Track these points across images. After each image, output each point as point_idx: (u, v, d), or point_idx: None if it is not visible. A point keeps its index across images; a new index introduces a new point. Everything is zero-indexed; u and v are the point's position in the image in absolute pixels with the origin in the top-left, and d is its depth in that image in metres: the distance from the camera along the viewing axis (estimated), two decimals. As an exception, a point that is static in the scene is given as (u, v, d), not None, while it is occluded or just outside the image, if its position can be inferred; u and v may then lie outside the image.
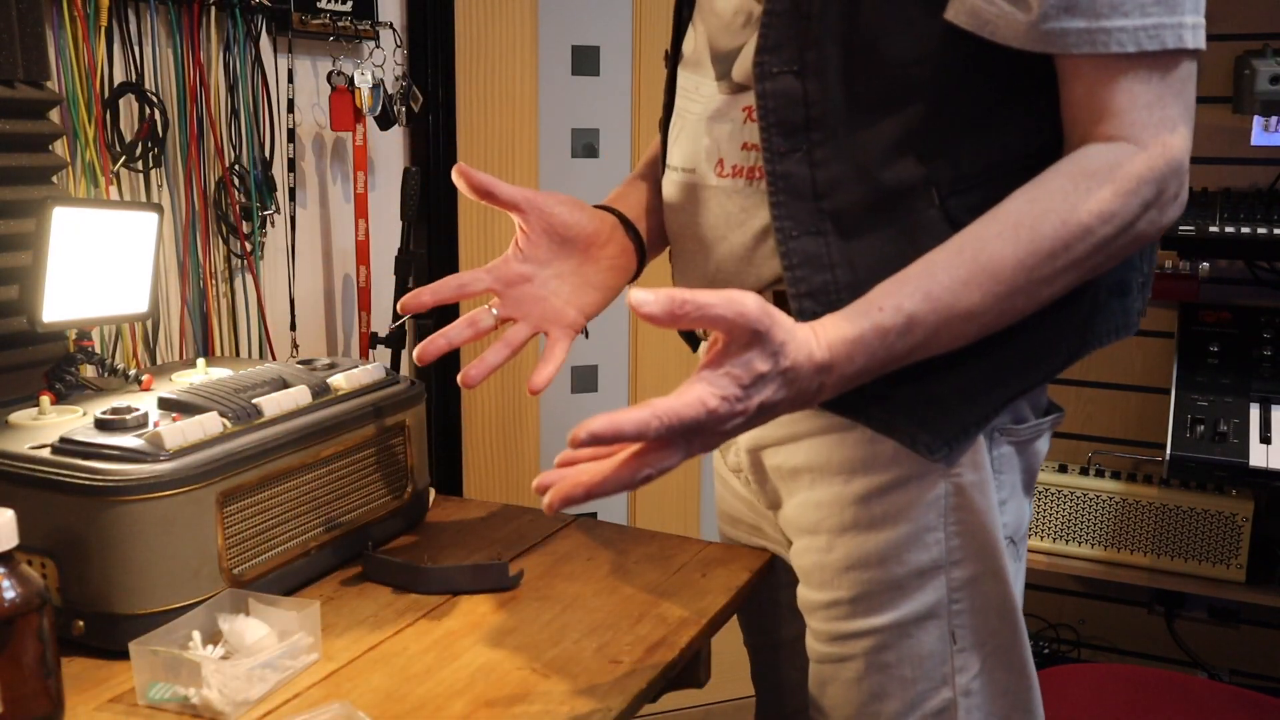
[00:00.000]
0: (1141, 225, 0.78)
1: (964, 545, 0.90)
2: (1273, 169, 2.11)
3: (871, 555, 0.92)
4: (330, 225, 1.87)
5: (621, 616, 1.07)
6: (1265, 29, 2.05)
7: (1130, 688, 1.47)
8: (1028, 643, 0.94)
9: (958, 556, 0.91)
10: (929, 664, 0.92)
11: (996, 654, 0.93)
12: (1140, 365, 2.27)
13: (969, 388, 0.86)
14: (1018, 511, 0.94)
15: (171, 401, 1.07)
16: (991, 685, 0.93)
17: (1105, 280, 0.87)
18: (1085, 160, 0.78)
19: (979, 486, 0.89)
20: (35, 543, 0.94)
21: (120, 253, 1.23)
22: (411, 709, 0.90)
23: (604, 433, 0.67)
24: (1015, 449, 0.93)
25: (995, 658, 0.93)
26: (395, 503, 1.26)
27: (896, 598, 0.92)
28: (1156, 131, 0.77)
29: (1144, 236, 0.80)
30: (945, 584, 0.91)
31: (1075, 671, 1.52)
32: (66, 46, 1.38)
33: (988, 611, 0.92)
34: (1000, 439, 0.91)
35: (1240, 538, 2.01)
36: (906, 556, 0.91)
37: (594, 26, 2.09)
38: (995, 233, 0.78)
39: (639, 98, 2.12)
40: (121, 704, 0.91)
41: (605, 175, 2.14)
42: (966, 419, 0.87)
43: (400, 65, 1.90)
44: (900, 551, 0.91)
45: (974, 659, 0.93)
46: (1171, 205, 0.80)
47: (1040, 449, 0.96)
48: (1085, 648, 2.38)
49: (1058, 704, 1.45)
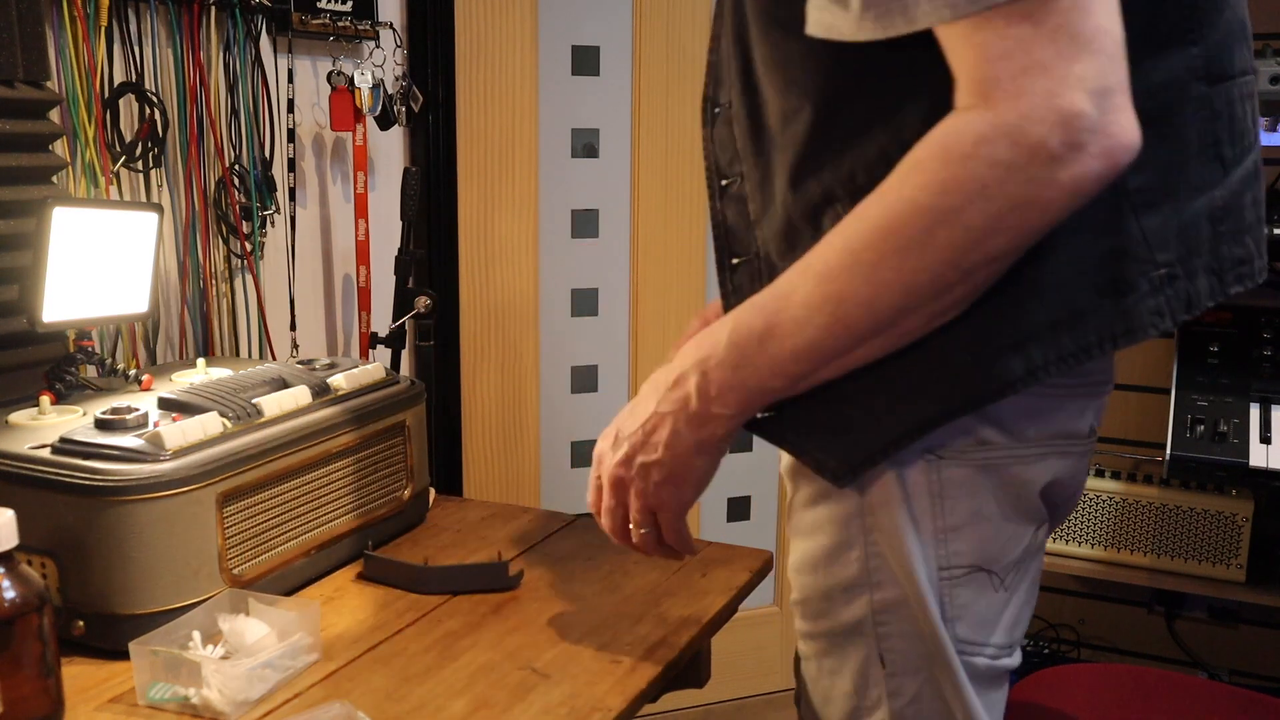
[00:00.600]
0: (1016, 187, 0.68)
1: (882, 568, 0.85)
2: (1273, 169, 2.11)
3: (805, 562, 0.90)
4: (330, 225, 1.87)
5: (621, 616, 1.07)
6: (1265, 29, 2.05)
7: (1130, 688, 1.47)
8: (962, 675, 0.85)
9: (878, 579, 0.85)
10: (860, 683, 0.88)
11: (936, 683, 0.86)
12: (1140, 365, 2.27)
13: (873, 413, 0.81)
14: (989, 539, 0.85)
15: (171, 401, 1.07)
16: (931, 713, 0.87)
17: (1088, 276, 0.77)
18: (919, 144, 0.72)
19: (890, 509, 0.84)
20: (35, 543, 0.94)
21: (120, 253, 1.23)
22: (411, 709, 0.90)
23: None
24: (979, 473, 0.84)
25: (935, 687, 0.86)
26: (395, 503, 1.26)
27: (827, 608, 0.89)
28: (1012, 82, 0.68)
29: (1037, 202, 0.69)
30: (869, 604, 0.86)
31: (1075, 671, 1.52)
32: (66, 46, 1.38)
33: (917, 638, 0.85)
34: (950, 463, 0.83)
35: (1240, 538, 2.01)
36: (831, 569, 0.88)
37: (594, 26, 2.09)
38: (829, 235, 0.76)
39: (639, 98, 2.12)
40: (121, 704, 0.91)
41: (605, 175, 2.14)
42: (872, 445, 0.82)
43: (400, 65, 1.90)
44: (826, 563, 0.88)
45: (909, 685, 0.86)
46: (1075, 158, 0.67)
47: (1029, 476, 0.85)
48: (1085, 648, 2.38)
49: (1058, 704, 1.45)
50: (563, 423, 2.19)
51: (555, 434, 2.19)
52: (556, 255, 2.13)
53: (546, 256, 2.13)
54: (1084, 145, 0.67)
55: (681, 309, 2.22)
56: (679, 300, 2.21)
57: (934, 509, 0.84)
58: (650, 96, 2.13)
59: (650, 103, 2.13)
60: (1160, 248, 0.78)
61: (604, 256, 2.16)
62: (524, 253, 2.11)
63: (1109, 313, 0.78)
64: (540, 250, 2.12)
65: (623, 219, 2.16)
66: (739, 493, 2.34)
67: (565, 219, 2.13)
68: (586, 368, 2.20)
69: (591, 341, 2.19)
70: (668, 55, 2.12)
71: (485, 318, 2.10)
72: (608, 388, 2.21)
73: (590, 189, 2.14)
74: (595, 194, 2.15)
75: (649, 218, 2.17)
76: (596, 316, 2.18)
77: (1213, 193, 0.80)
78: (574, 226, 2.14)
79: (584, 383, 2.20)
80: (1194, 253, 0.79)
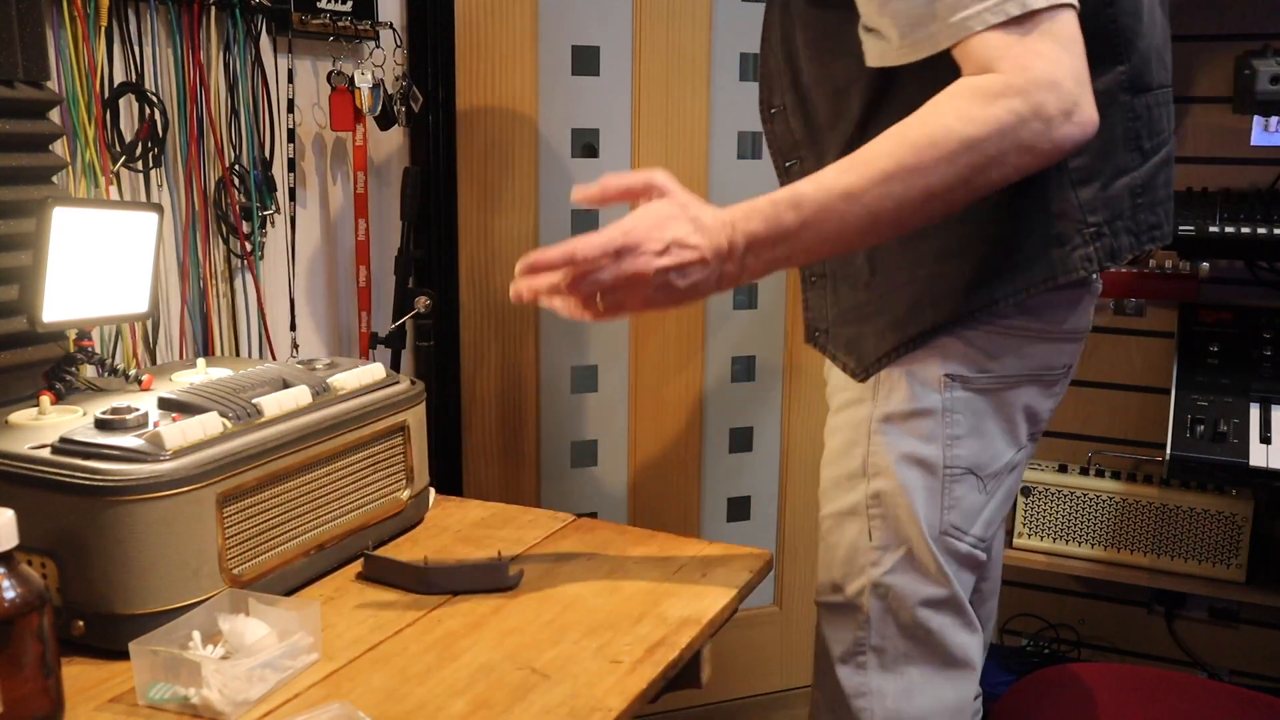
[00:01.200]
0: (1024, 134, 0.90)
1: (878, 462, 1.13)
2: (1273, 169, 2.11)
3: (828, 456, 1.20)
4: (330, 225, 1.87)
5: (621, 616, 1.07)
6: (1265, 29, 2.05)
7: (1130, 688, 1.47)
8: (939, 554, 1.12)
9: (874, 470, 1.13)
10: (850, 553, 1.16)
11: (911, 558, 1.13)
12: (1140, 365, 2.27)
13: (881, 329, 1.12)
14: (982, 449, 1.12)
15: (171, 401, 1.07)
16: (905, 582, 1.13)
17: (1037, 232, 1.05)
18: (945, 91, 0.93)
19: (896, 418, 1.12)
20: (35, 543, 0.94)
21: (120, 253, 1.23)
22: (411, 709, 0.90)
23: (536, 264, 0.96)
24: (978, 395, 1.11)
25: (910, 561, 1.13)
26: (395, 503, 1.26)
27: (835, 494, 1.18)
28: (1014, 62, 0.91)
29: (1034, 149, 0.91)
30: (865, 490, 1.14)
31: (1075, 671, 1.52)
32: (66, 46, 1.38)
33: (899, 520, 1.13)
34: (953, 384, 1.10)
35: (1240, 538, 2.01)
36: (843, 462, 1.17)
37: (594, 26, 2.09)
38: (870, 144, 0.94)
39: (639, 98, 2.12)
40: (121, 704, 0.91)
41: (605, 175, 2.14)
42: (880, 351, 1.12)
43: (400, 65, 1.90)
44: (838, 458, 1.18)
45: (888, 557, 1.14)
46: (1063, 122, 0.90)
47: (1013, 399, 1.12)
48: (1085, 648, 2.38)
49: (1058, 704, 1.45)
50: (563, 423, 2.19)
51: (555, 434, 2.19)
52: (556, 255, 2.13)
53: (546, 256, 2.12)
54: (1070, 115, 0.91)
55: (682, 308, 2.22)
56: (679, 300, 2.21)
57: (944, 421, 1.11)
58: (650, 96, 2.13)
59: (650, 103, 2.13)
60: (1090, 212, 1.06)
61: (604, 256, 2.16)
62: (524, 253, 2.10)
63: (1051, 259, 1.06)
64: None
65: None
66: (739, 493, 2.34)
67: (565, 219, 2.13)
68: (586, 368, 2.20)
69: (591, 342, 2.19)
70: (668, 55, 2.12)
71: (485, 318, 2.10)
72: (608, 388, 2.21)
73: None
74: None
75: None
76: (596, 316, 2.18)
77: (1134, 174, 1.08)
78: (574, 226, 2.14)
79: (584, 383, 2.20)
80: (1117, 217, 1.07)
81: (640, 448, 2.24)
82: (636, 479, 2.26)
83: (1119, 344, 2.28)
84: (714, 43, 2.14)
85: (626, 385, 2.22)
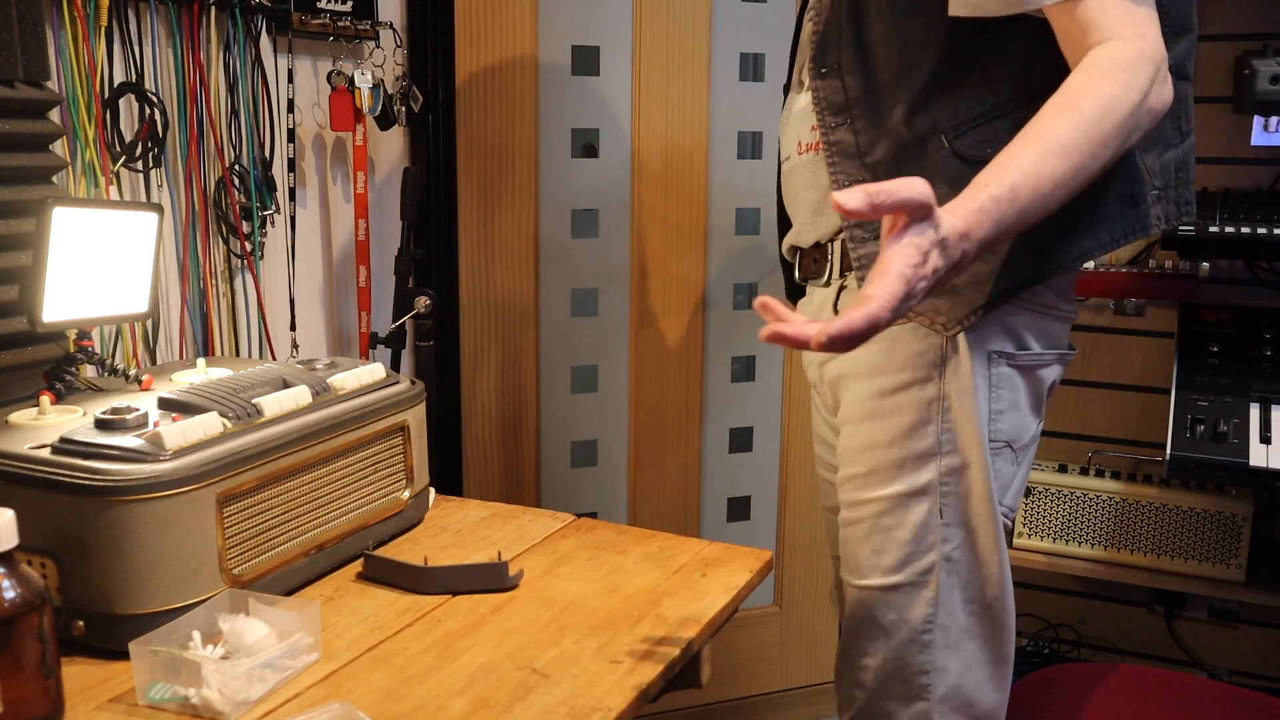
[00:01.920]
0: (1151, 98, 0.99)
1: (953, 440, 1.15)
2: (1273, 169, 2.11)
3: (880, 439, 1.17)
4: (330, 225, 1.87)
5: (621, 616, 1.07)
6: (1265, 29, 2.05)
7: (1130, 688, 1.47)
8: (1001, 527, 1.16)
9: (948, 449, 1.15)
10: (919, 532, 1.16)
11: (976, 533, 1.16)
12: (1140, 365, 2.27)
13: (976, 279, 1.11)
14: (1018, 423, 1.18)
15: (171, 401, 1.07)
16: (970, 557, 1.16)
17: (1115, 192, 1.11)
18: (1090, 61, 0.99)
19: (966, 394, 1.14)
20: (35, 543, 0.94)
21: (120, 253, 1.23)
22: (411, 709, 0.90)
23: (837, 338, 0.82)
24: (1018, 372, 1.16)
25: (974, 535, 1.16)
26: (395, 503, 1.26)
27: (897, 475, 1.17)
28: (1134, 29, 0.99)
29: (1154, 111, 1.01)
30: (937, 469, 1.15)
31: (1075, 671, 1.52)
32: (66, 46, 1.38)
33: (970, 496, 1.15)
34: (999, 360, 1.15)
35: (1240, 538, 2.01)
36: (908, 443, 1.16)
37: (594, 26, 2.09)
38: (1049, 121, 0.97)
39: (639, 98, 2.12)
40: (121, 704, 0.91)
41: (605, 175, 2.14)
42: (975, 302, 1.12)
43: (400, 65, 1.90)
44: (903, 439, 1.16)
45: (957, 533, 1.16)
46: (1166, 84, 1.02)
47: (1045, 377, 1.19)
48: (1085, 648, 2.38)
49: (1058, 704, 1.45)
50: (563, 423, 2.19)
51: (555, 434, 2.19)
52: (556, 255, 2.13)
53: (546, 256, 2.13)
54: (1168, 80, 1.02)
55: (681, 308, 2.22)
56: (679, 299, 2.21)
57: (991, 396, 1.16)
58: (650, 96, 2.13)
59: (650, 103, 2.13)
60: (1154, 176, 1.14)
61: (604, 256, 2.16)
62: (524, 253, 2.11)
63: (1129, 216, 1.13)
64: (540, 250, 2.12)
65: (623, 219, 2.16)
66: (739, 493, 2.34)
67: (565, 219, 2.13)
68: (586, 368, 2.20)
69: (591, 341, 2.19)
70: (668, 55, 2.12)
71: (485, 318, 2.10)
72: (608, 388, 2.21)
73: (590, 189, 2.14)
74: (595, 194, 2.15)
75: (649, 218, 2.17)
76: (596, 316, 2.18)
77: (1176, 150, 1.16)
78: (574, 226, 2.14)
79: (584, 383, 2.20)
80: (1169, 185, 1.16)
81: (640, 448, 2.25)
82: (636, 479, 2.26)
83: (1119, 344, 2.28)
84: (714, 43, 2.14)
85: (626, 385, 2.22)
